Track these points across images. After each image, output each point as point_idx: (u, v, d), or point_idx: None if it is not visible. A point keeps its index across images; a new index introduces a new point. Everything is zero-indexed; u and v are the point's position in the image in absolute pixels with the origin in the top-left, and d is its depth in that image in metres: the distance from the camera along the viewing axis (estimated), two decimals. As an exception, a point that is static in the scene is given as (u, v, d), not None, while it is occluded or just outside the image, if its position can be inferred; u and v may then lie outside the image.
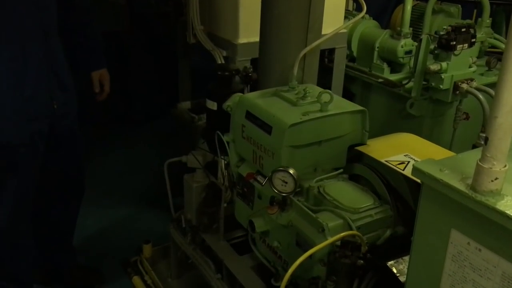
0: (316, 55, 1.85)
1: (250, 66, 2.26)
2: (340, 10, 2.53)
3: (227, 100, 1.73)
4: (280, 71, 1.80)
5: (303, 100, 1.60)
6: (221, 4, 2.34)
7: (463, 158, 0.94)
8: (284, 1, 1.71)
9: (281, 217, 1.50)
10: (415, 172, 0.94)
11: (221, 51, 2.30)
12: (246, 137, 1.66)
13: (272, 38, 1.78)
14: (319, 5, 1.74)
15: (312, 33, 1.75)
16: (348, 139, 1.63)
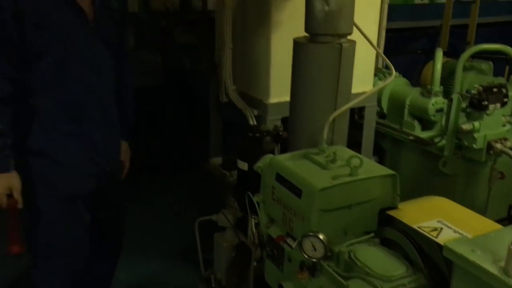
0: (346, 117, 1.88)
1: (281, 125, 2.31)
2: (370, 70, 2.57)
3: (258, 161, 1.76)
4: (310, 133, 1.83)
5: (333, 163, 1.60)
6: (253, 65, 2.41)
7: (496, 237, 0.92)
8: (313, 65, 1.76)
9: (311, 282, 1.48)
10: (446, 251, 0.92)
11: (252, 110, 2.35)
12: (276, 199, 1.67)
13: (301, 101, 1.82)
14: (348, 70, 1.78)
15: (341, 96, 1.78)
16: (379, 203, 1.61)
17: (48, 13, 1.68)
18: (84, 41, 1.78)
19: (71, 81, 1.79)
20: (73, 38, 1.74)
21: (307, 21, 1.77)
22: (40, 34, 1.68)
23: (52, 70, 1.74)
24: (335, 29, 1.73)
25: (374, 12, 2.52)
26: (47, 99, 1.77)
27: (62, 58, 1.74)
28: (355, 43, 1.80)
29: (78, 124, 1.83)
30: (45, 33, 1.68)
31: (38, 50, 1.70)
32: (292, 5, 2.18)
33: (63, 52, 1.73)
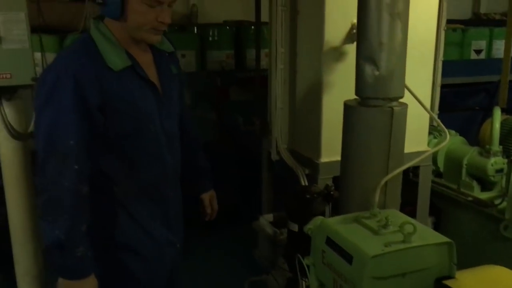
0: (399, 179, 1.84)
1: (332, 185, 2.29)
2: (424, 128, 2.53)
3: (308, 223, 1.74)
4: (361, 195, 1.80)
5: (385, 229, 1.56)
6: (304, 124, 2.44)
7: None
8: (364, 128, 1.76)
9: None
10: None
11: (303, 168, 2.36)
12: (327, 263, 1.63)
13: (352, 163, 1.81)
14: (400, 133, 1.77)
15: (393, 159, 1.76)
16: (434, 271, 1.54)
17: (129, 96, 1.58)
18: (159, 117, 1.68)
19: (151, 163, 1.69)
20: (152, 117, 1.65)
21: (357, 85, 1.79)
22: (122, 119, 1.58)
23: (132, 154, 1.64)
24: (385, 93, 1.73)
25: (427, 70, 2.51)
26: (128, 185, 1.66)
27: (142, 139, 1.65)
28: (407, 106, 1.79)
29: (158, 206, 1.74)
30: (127, 116, 1.59)
31: (120, 135, 1.60)
32: (344, 66, 2.22)
33: (143, 133, 1.64)
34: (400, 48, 1.74)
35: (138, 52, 1.62)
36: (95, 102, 1.49)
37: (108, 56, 1.52)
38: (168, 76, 1.73)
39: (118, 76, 1.53)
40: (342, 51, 2.24)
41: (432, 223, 2.80)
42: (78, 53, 1.52)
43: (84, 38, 1.58)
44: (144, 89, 1.62)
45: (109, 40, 1.54)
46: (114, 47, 1.54)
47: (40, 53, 2.73)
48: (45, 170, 1.47)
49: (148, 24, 1.53)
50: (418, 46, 2.38)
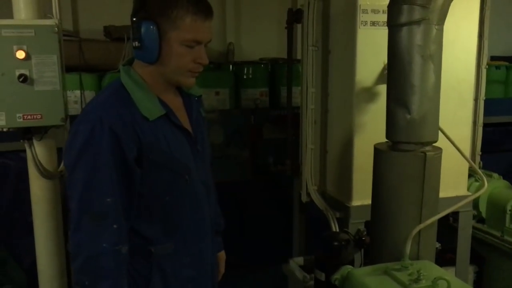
0: (434, 228, 1.74)
1: (363, 229, 2.21)
2: (463, 172, 2.41)
3: (336, 273, 1.67)
4: (392, 244, 1.71)
5: (416, 283, 1.47)
6: (335, 166, 2.38)
7: None
8: (395, 174, 1.69)
9: None
10: None
11: (334, 212, 2.28)
12: (354, 318, 1.55)
13: (383, 210, 1.73)
14: (434, 179, 1.68)
15: (427, 207, 1.67)
16: (471, 332, 1.43)
17: (166, 146, 1.47)
18: (196, 167, 1.57)
19: (190, 217, 1.57)
20: (189, 167, 1.54)
21: (388, 128, 1.73)
22: (159, 171, 1.46)
23: (170, 209, 1.52)
24: (418, 138, 1.66)
25: (466, 110, 2.41)
26: (166, 244, 1.53)
27: (180, 192, 1.53)
28: (441, 151, 1.71)
29: (196, 269, 1.61)
30: (164, 168, 1.47)
31: (157, 189, 1.48)
32: (377, 107, 2.16)
33: (181, 185, 1.52)
34: (433, 91, 1.67)
35: (169, 98, 1.53)
36: (132, 155, 1.38)
37: (142, 104, 1.43)
38: (199, 121, 1.63)
39: (153, 124, 1.43)
40: (375, 91, 2.19)
41: (474, 272, 2.63)
42: (112, 101, 1.42)
43: (115, 85, 1.48)
44: (179, 137, 1.52)
45: (141, 86, 1.45)
46: (147, 94, 1.45)
47: (80, 91, 2.83)
48: (81, 231, 1.36)
49: (186, 66, 1.45)
50: (456, 86, 2.30)
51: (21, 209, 2.30)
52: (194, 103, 1.64)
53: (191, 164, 1.55)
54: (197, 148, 1.59)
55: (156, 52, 1.41)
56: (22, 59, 1.74)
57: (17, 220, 2.69)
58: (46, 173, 1.86)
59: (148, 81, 1.48)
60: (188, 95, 1.63)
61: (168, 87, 1.53)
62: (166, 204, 1.51)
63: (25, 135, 1.81)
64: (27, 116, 1.76)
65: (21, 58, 1.74)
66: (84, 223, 1.36)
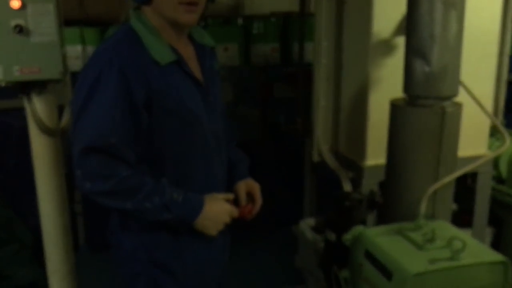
0: (450, 188, 1.66)
1: (377, 191, 2.12)
2: (484, 130, 2.29)
3: (347, 233, 1.61)
4: (407, 204, 1.64)
5: (430, 243, 1.40)
6: (348, 124, 2.28)
7: None
8: (412, 131, 1.59)
9: None
10: None
11: (347, 172, 2.20)
12: (364, 278, 1.50)
13: (398, 168, 1.65)
14: (452, 136, 1.58)
15: (444, 165, 1.58)
16: (487, 294, 1.37)
17: (177, 93, 1.42)
18: (207, 117, 1.52)
19: (200, 168, 1.53)
20: (200, 117, 1.49)
21: (406, 82, 1.62)
22: (169, 118, 1.42)
23: (180, 160, 1.48)
24: (437, 92, 1.55)
25: (489, 65, 2.27)
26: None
27: (191, 143, 1.48)
28: (461, 107, 1.60)
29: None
30: (174, 115, 1.43)
31: (167, 137, 1.44)
32: (394, 61, 2.04)
33: (192, 135, 1.48)
34: (455, 41, 1.55)
35: (181, 46, 1.49)
36: (141, 99, 1.35)
37: (153, 48, 1.39)
38: (211, 73, 1.58)
39: (164, 71, 1.40)
40: (392, 44, 2.06)
41: (491, 234, 2.56)
42: (122, 44, 1.39)
43: (126, 29, 1.44)
44: (191, 86, 1.47)
45: (151, 31, 1.42)
46: (158, 39, 1.42)
47: (81, 46, 2.74)
48: (87, 166, 1.34)
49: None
50: (479, 37, 2.15)
51: (25, 169, 2.28)
52: (207, 54, 1.58)
53: (202, 114, 1.50)
54: (209, 100, 1.54)
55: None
56: (17, 9, 1.66)
57: (22, 180, 2.68)
58: (47, 129, 1.80)
59: (158, 26, 1.44)
60: (201, 45, 1.58)
61: (179, 34, 1.48)
62: (177, 154, 1.47)
63: (24, 90, 1.75)
64: (24, 70, 1.69)
65: (16, 8, 1.66)
66: (89, 160, 1.34)
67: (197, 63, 1.54)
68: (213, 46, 1.62)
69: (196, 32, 1.59)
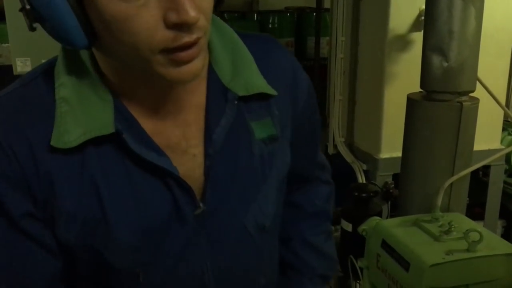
0: (466, 181, 1.70)
1: (391, 182, 2.17)
2: (497, 124, 2.33)
3: (363, 224, 1.65)
4: (423, 196, 1.68)
5: (447, 235, 1.44)
6: (364, 117, 2.32)
7: None
8: (429, 125, 1.63)
9: None
10: None
11: (361, 164, 2.25)
12: (381, 268, 1.54)
13: (414, 161, 1.69)
14: (469, 131, 1.62)
15: (460, 159, 1.62)
16: (502, 284, 1.40)
17: (97, 207, 0.78)
18: (182, 245, 0.84)
19: None
20: (151, 252, 0.83)
21: (423, 77, 1.65)
22: (80, 253, 0.81)
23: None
24: (454, 87, 1.58)
25: (503, 61, 2.30)
26: None
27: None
28: (478, 101, 1.63)
29: None
30: (86, 251, 0.80)
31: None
32: (410, 57, 2.07)
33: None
34: (473, 37, 1.58)
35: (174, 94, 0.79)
36: (24, 210, 0.76)
37: (66, 112, 0.74)
38: (238, 141, 0.84)
39: (80, 157, 0.75)
40: (408, 40, 2.09)
41: (502, 227, 2.59)
42: (7, 106, 0.77)
43: (44, 71, 0.79)
44: (146, 184, 0.78)
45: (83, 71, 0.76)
46: (90, 88, 0.75)
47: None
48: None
49: (152, 40, 0.66)
50: (494, 34, 2.19)
51: None
52: (231, 107, 0.82)
53: (163, 244, 0.81)
54: (202, 206, 0.82)
55: (76, 30, 0.66)
56: None
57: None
58: None
59: (109, 69, 0.77)
60: (223, 89, 0.82)
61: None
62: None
63: None
64: None
65: None
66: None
67: (200, 123, 0.81)
68: (268, 94, 0.86)
69: (220, 58, 0.84)
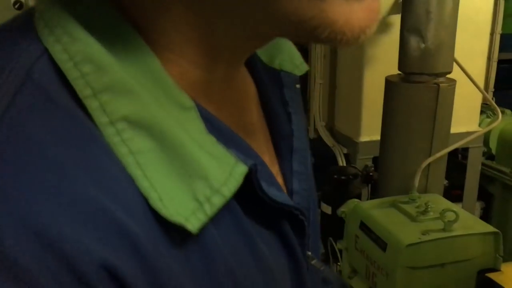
0: (443, 162, 1.71)
1: (371, 165, 2.19)
2: (475, 107, 2.35)
3: (342, 206, 1.66)
4: (401, 178, 1.69)
5: (423, 215, 1.46)
6: (344, 101, 2.33)
7: None
8: (407, 106, 1.64)
9: None
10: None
11: (342, 148, 2.26)
12: (360, 249, 1.55)
13: (392, 143, 1.70)
14: (446, 112, 1.63)
15: (437, 140, 1.63)
16: (477, 263, 1.43)
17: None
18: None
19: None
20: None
21: (401, 59, 1.65)
22: None
23: None
24: (432, 68, 1.59)
25: (481, 43, 2.32)
26: None
27: None
28: (455, 83, 1.65)
29: None
30: None
31: None
32: (389, 39, 2.07)
33: None
34: (450, 18, 1.59)
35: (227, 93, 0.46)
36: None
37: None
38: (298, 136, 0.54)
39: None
40: (387, 22, 2.09)
41: (480, 209, 2.63)
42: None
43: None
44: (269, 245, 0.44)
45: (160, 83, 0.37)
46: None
47: None
48: None
49: None
50: (473, 16, 2.20)
51: None
52: (288, 90, 0.56)
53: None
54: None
55: None
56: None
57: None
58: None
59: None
60: (271, 72, 0.55)
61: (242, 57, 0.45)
62: None
63: None
64: None
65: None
66: None
67: (261, 122, 0.52)
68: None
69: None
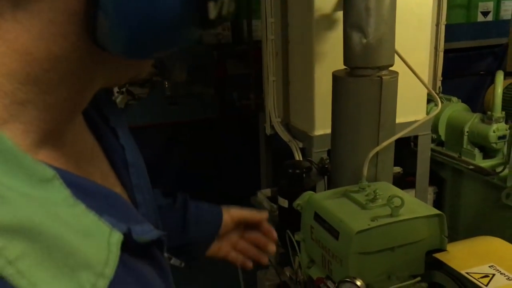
0: (391, 151, 1.79)
1: (326, 158, 2.25)
2: (422, 96, 2.45)
3: (298, 199, 1.72)
4: (352, 168, 1.76)
5: (372, 203, 1.53)
6: (297, 97, 2.38)
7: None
8: (353, 99, 1.71)
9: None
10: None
11: (297, 142, 2.31)
12: (315, 239, 1.61)
13: (341, 136, 1.77)
14: (390, 103, 1.70)
15: (384, 130, 1.70)
16: (425, 244, 1.51)
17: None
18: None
19: None
20: None
21: (346, 54, 1.72)
22: None
23: None
24: (374, 62, 1.66)
25: (424, 34, 2.41)
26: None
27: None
28: (397, 75, 1.72)
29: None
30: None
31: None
32: (335, 35, 2.14)
33: None
34: (388, 14, 1.66)
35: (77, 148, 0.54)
36: None
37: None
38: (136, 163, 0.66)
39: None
40: (334, 18, 2.16)
41: (433, 193, 2.75)
42: None
43: None
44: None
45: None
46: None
47: None
48: None
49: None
50: (415, 9, 2.29)
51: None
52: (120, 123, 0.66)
53: None
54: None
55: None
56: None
57: None
58: None
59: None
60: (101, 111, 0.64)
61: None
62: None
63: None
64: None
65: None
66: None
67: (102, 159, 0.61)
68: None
69: None
